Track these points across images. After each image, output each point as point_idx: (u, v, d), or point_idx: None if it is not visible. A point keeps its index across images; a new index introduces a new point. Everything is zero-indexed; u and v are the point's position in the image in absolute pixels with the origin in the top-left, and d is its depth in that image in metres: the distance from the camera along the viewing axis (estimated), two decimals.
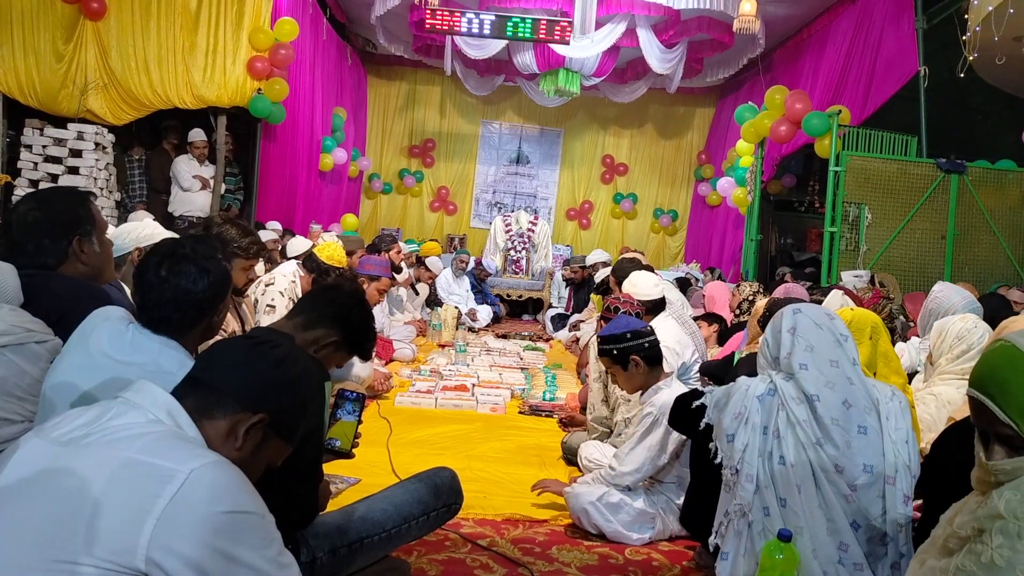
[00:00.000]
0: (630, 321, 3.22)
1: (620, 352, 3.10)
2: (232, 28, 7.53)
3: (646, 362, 3.10)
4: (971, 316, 3.47)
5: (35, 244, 2.38)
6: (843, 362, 2.28)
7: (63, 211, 2.45)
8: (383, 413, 4.70)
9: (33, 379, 2.10)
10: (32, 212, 2.42)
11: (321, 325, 2.20)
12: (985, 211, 7.37)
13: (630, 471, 3.02)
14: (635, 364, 3.10)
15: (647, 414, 3.03)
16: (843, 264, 7.22)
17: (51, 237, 2.39)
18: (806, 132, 7.74)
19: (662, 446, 2.99)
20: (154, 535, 1.16)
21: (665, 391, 3.04)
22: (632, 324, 3.17)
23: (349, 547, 2.14)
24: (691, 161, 14.05)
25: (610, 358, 3.15)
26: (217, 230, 3.34)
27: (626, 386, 3.22)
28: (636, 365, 3.10)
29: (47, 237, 2.39)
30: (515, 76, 11.77)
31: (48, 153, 6.88)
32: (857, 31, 8.57)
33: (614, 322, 3.24)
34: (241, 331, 3.80)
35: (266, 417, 1.40)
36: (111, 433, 1.28)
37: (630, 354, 3.09)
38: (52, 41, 6.78)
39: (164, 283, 1.91)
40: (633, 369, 3.11)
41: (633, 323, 3.19)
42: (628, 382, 3.18)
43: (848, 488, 2.12)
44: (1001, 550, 1.32)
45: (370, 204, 13.89)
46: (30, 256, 2.37)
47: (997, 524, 1.35)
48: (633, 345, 3.09)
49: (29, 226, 2.39)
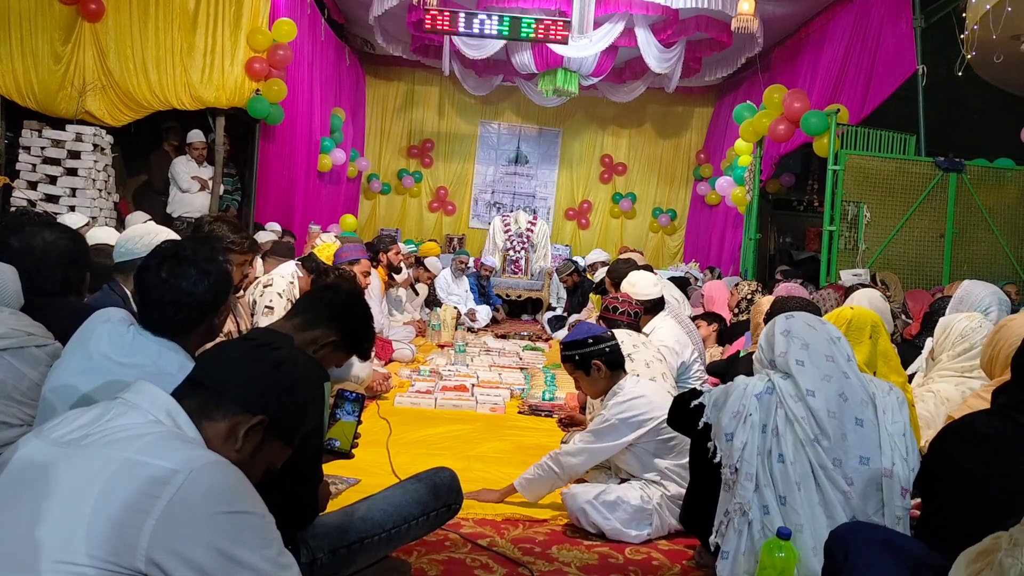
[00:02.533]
0: (592, 327, 3.28)
1: (582, 357, 3.15)
2: (230, 29, 7.52)
3: (608, 366, 3.15)
4: (977, 315, 3.47)
5: (51, 272, 2.47)
6: (838, 357, 2.31)
7: (82, 248, 2.57)
8: (383, 413, 4.71)
9: (32, 383, 2.10)
10: (61, 240, 2.50)
11: (319, 325, 2.20)
12: (984, 209, 7.38)
13: (570, 454, 3.09)
14: (597, 369, 3.14)
15: (613, 414, 3.06)
16: (842, 263, 7.22)
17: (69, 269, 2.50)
18: (805, 131, 7.74)
19: (604, 443, 3.05)
20: (154, 535, 1.16)
21: (619, 394, 3.09)
22: (593, 330, 3.23)
23: (349, 547, 2.14)
24: (690, 160, 14.06)
25: (572, 364, 3.20)
26: (208, 228, 3.34)
27: (589, 390, 3.27)
28: (598, 370, 3.14)
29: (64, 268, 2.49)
30: (513, 76, 11.78)
31: (46, 155, 6.87)
32: (855, 30, 8.58)
33: (576, 329, 3.29)
34: (236, 329, 3.80)
35: (266, 419, 1.40)
36: (111, 434, 1.28)
37: (591, 359, 3.13)
38: (50, 43, 6.78)
39: (165, 285, 1.91)
40: (595, 374, 3.16)
41: (594, 329, 3.25)
42: (591, 386, 3.22)
43: (846, 483, 2.12)
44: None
45: (369, 204, 13.89)
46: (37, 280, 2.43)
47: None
48: (594, 350, 3.14)
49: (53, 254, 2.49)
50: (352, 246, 5.70)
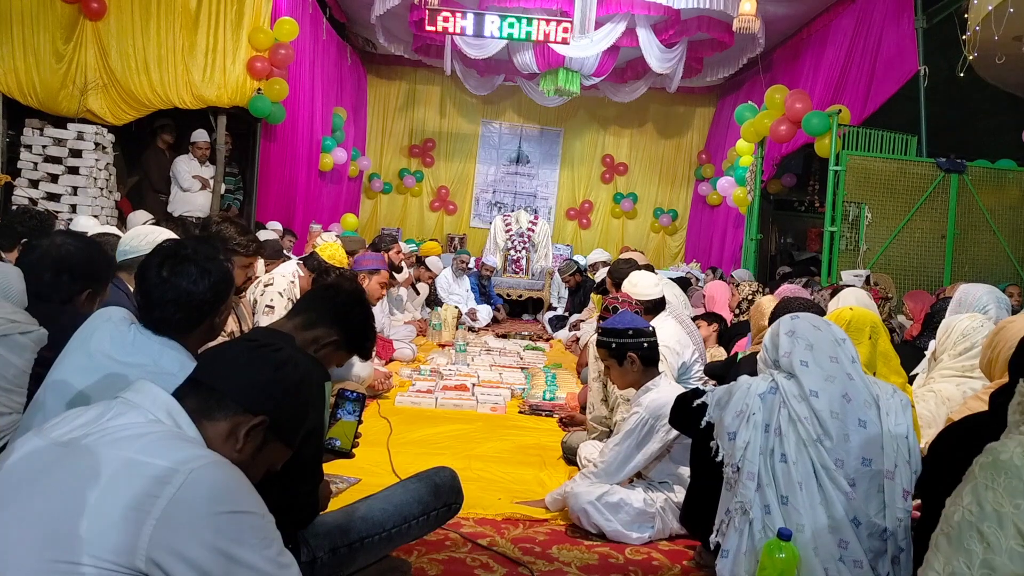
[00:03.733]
0: (635, 318, 3.22)
1: (618, 347, 3.11)
2: (232, 28, 7.53)
3: (642, 361, 3.11)
4: (979, 315, 3.48)
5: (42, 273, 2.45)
6: (843, 359, 2.30)
7: (92, 261, 2.54)
8: (383, 413, 4.71)
9: (19, 370, 2.11)
10: (66, 246, 2.49)
11: (321, 324, 2.20)
12: (985, 210, 7.38)
13: (606, 465, 3.04)
14: (631, 361, 3.11)
15: (634, 413, 3.05)
16: (843, 264, 7.22)
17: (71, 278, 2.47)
18: (806, 131, 7.74)
19: (640, 445, 3.01)
20: (154, 535, 1.16)
21: (653, 391, 3.05)
22: (636, 322, 3.17)
23: (350, 547, 2.14)
24: (691, 160, 14.06)
25: (607, 351, 3.16)
26: (215, 228, 3.36)
27: (618, 381, 3.23)
28: (632, 362, 3.11)
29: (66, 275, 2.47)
30: (515, 76, 11.78)
31: (48, 153, 6.88)
32: (857, 30, 8.58)
33: (619, 316, 3.24)
34: (239, 331, 3.80)
35: (266, 419, 1.40)
36: (111, 433, 1.28)
37: (628, 350, 3.10)
38: (52, 41, 6.78)
39: (166, 284, 1.91)
40: (628, 366, 3.12)
41: (637, 321, 3.19)
42: (621, 377, 3.19)
43: (848, 484, 2.12)
44: None
45: (370, 204, 13.89)
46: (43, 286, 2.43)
47: None
48: (632, 343, 3.10)
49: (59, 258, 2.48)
50: (372, 255, 5.68)
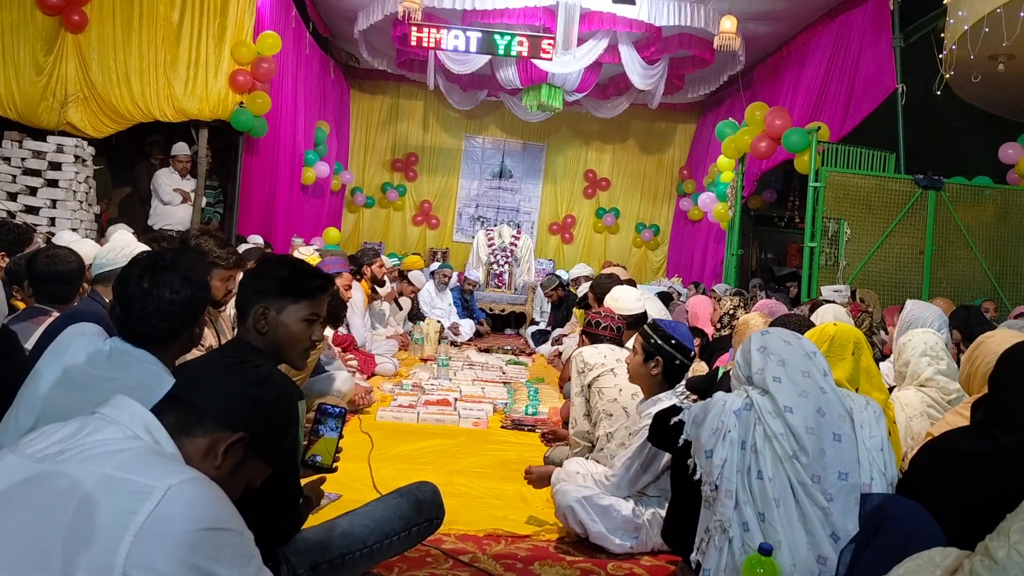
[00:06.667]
0: (687, 335, 3.18)
1: (655, 346, 3.10)
2: (214, 41, 7.51)
3: (664, 372, 3.10)
4: (930, 332, 3.65)
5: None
6: (815, 373, 2.30)
7: None
8: (365, 428, 4.68)
9: None
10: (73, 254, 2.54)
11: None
12: (962, 227, 7.47)
13: (617, 479, 3.04)
14: (656, 364, 3.10)
15: (644, 427, 3.03)
16: (823, 279, 7.28)
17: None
18: (786, 148, 7.82)
19: (648, 459, 3.00)
20: (131, 552, 1.15)
21: (661, 405, 3.05)
22: (684, 338, 3.14)
23: (330, 563, 2.13)
24: (673, 176, 14.16)
25: (643, 340, 3.14)
26: (195, 242, 3.33)
27: (632, 372, 3.22)
28: (655, 366, 3.10)
29: None
30: (498, 91, 11.84)
31: (27, 166, 6.81)
32: (836, 49, 8.69)
33: (673, 323, 3.23)
34: (217, 344, 3.77)
35: (246, 436, 1.39)
36: (88, 449, 1.26)
37: (659, 354, 3.09)
38: (32, 53, 6.74)
39: (147, 295, 1.90)
40: (651, 367, 3.11)
41: (685, 337, 3.16)
42: (636, 370, 3.18)
43: (825, 499, 2.13)
44: (1020, 546, 1.38)
45: (352, 218, 13.87)
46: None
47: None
48: (667, 351, 3.08)
49: None
50: (333, 259, 5.69)
